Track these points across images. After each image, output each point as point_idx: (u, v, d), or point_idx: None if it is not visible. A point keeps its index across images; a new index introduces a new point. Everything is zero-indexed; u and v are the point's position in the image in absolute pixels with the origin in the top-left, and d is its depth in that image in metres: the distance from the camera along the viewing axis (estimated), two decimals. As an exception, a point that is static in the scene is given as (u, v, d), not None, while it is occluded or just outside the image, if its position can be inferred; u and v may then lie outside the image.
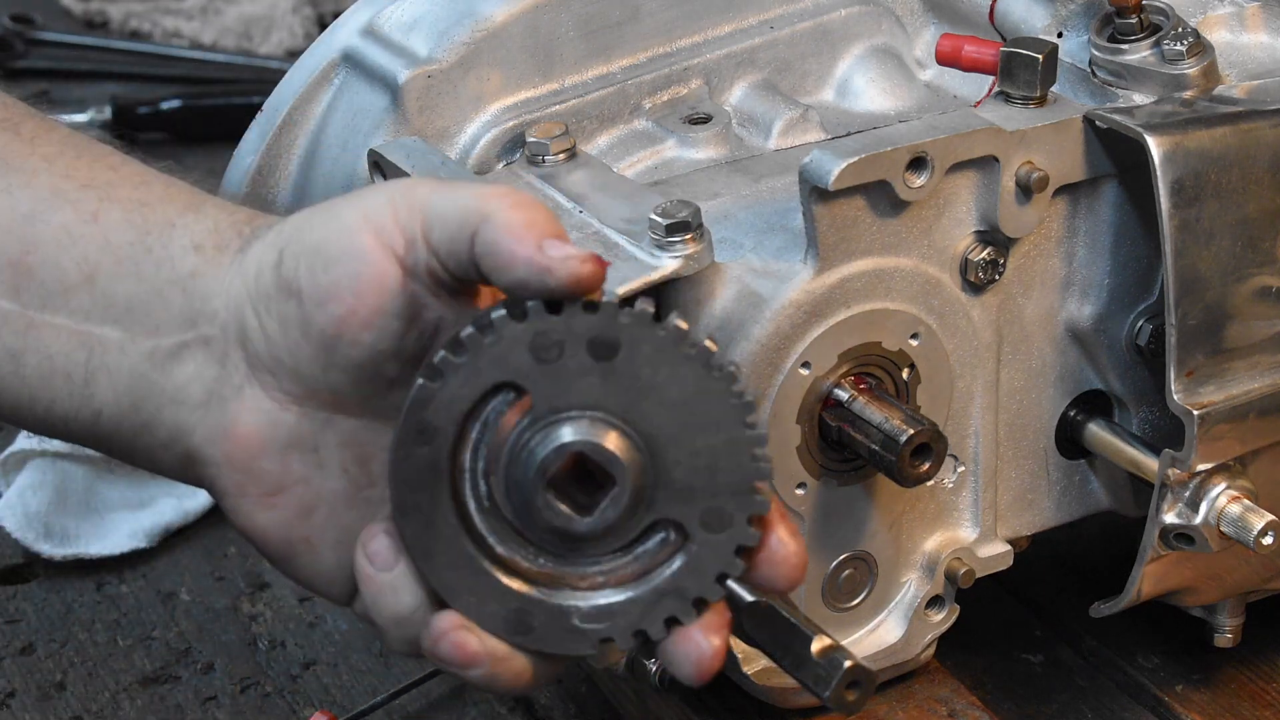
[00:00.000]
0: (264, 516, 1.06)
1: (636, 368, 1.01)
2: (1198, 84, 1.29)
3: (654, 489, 1.03)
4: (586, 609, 1.03)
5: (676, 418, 1.02)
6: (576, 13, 1.35)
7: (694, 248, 1.19)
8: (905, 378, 1.25)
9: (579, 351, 1.01)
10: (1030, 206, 1.25)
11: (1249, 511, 1.24)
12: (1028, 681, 1.42)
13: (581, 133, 1.34)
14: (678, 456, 1.02)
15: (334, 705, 1.43)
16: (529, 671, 1.04)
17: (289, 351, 1.04)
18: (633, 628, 1.03)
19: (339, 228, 1.03)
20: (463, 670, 1.03)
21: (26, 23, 2.57)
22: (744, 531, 1.03)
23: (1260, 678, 1.41)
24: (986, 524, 1.31)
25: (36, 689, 1.47)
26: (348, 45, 1.36)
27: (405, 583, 1.03)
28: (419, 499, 1.02)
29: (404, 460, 1.02)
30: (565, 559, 1.04)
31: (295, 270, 1.03)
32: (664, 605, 1.03)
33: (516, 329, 1.01)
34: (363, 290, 1.02)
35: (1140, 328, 1.32)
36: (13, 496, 1.62)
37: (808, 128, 1.37)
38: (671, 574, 1.03)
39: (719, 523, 1.03)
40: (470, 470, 1.03)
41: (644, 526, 1.03)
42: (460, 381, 1.01)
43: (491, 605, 1.03)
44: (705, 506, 1.02)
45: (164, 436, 1.07)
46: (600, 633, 1.03)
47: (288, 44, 2.57)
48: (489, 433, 1.03)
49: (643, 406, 1.02)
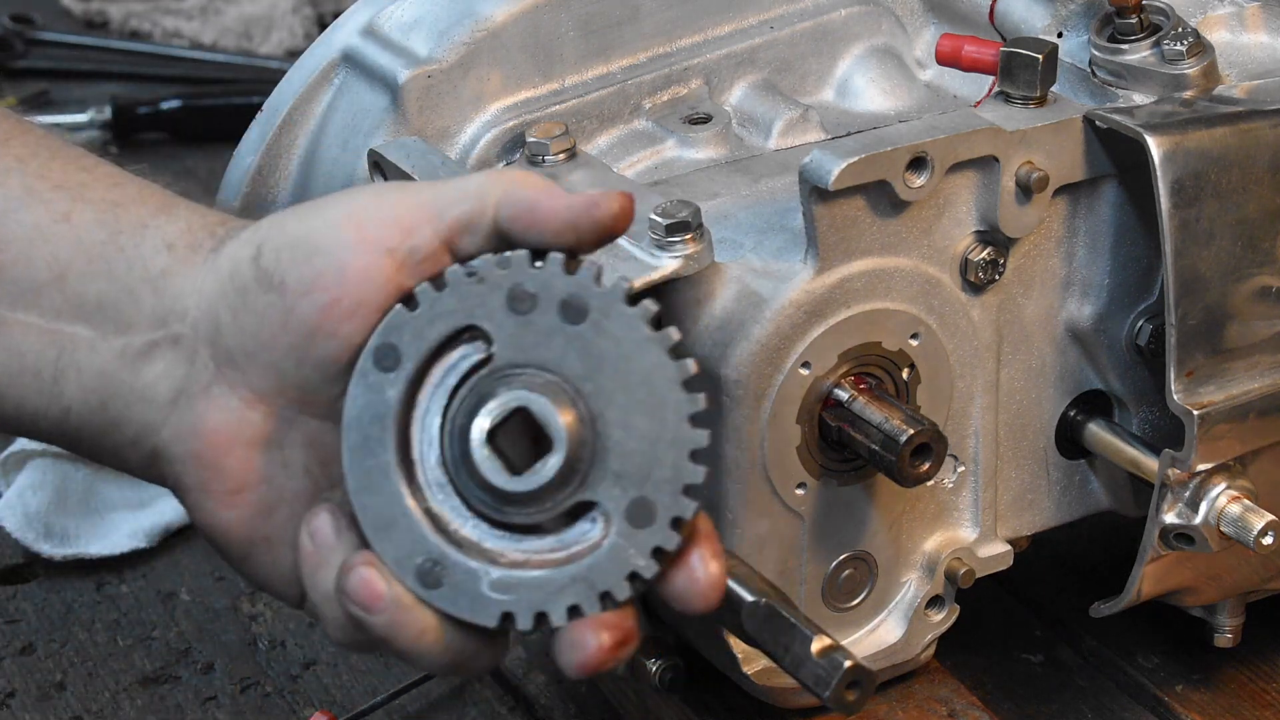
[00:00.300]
0: (225, 515, 1.07)
1: (601, 338, 1.02)
2: (1198, 84, 1.29)
3: (589, 465, 1.02)
4: (498, 578, 1.02)
5: (626, 398, 1.02)
6: (576, 13, 1.35)
7: (694, 248, 1.19)
8: (905, 378, 1.25)
9: (550, 309, 1.02)
10: (1030, 206, 1.25)
11: (1249, 511, 1.24)
12: (1028, 681, 1.42)
13: (581, 133, 1.35)
14: (619, 437, 1.02)
15: (334, 705, 1.44)
16: (433, 634, 1.03)
17: (264, 346, 1.04)
18: (536, 607, 1.02)
19: (323, 223, 1.04)
20: (366, 613, 1.02)
21: (26, 23, 2.57)
22: (665, 533, 1.01)
23: (1260, 678, 1.41)
24: (986, 524, 1.32)
25: (36, 689, 1.47)
26: (348, 45, 1.36)
27: (340, 560, 1.03)
28: (369, 425, 1.03)
29: (364, 379, 1.03)
30: (492, 527, 1.03)
31: (276, 262, 1.03)
32: (571, 592, 1.02)
33: (498, 274, 1.02)
34: (347, 280, 1.02)
35: (1140, 328, 1.32)
36: (13, 496, 1.62)
37: (808, 128, 1.37)
38: (586, 563, 1.02)
39: (643, 517, 1.02)
40: (424, 413, 1.03)
41: (573, 503, 1.02)
42: (434, 314, 1.02)
43: (408, 552, 1.02)
44: (635, 497, 1.01)
45: (131, 434, 1.07)
46: (505, 605, 1.02)
47: (288, 44, 2.57)
48: (449, 378, 1.03)
49: (597, 379, 1.02)
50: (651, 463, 1.02)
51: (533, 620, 1.02)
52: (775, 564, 1.25)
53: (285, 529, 1.07)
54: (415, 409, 1.04)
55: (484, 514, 1.03)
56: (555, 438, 1.01)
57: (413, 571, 1.02)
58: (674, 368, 1.02)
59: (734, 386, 1.20)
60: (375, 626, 1.02)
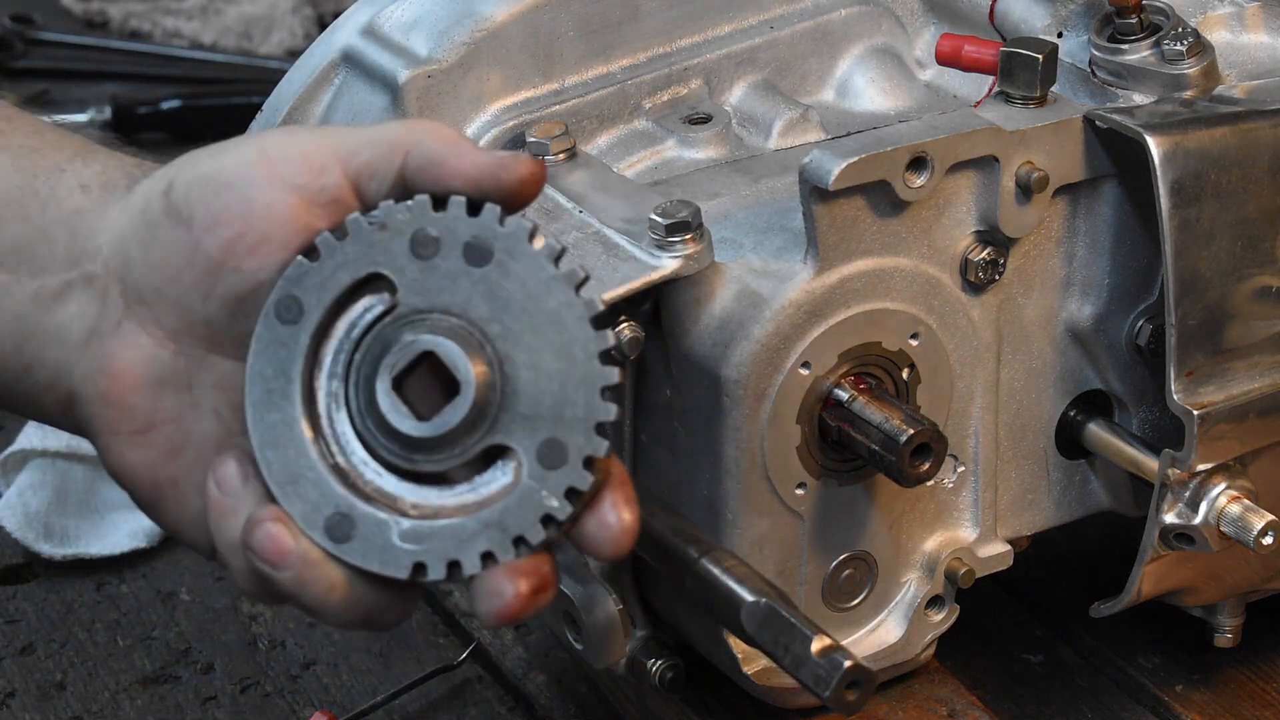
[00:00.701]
0: (133, 455, 1.06)
1: (506, 280, 1.01)
2: (1198, 84, 1.29)
3: (498, 408, 1.00)
4: (408, 528, 1.01)
5: (534, 338, 1.00)
6: (576, 13, 1.35)
7: (694, 248, 1.19)
8: (905, 378, 1.25)
9: (454, 253, 1.01)
10: (1030, 206, 1.25)
11: (1249, 511, 1.24)
12: (1028, 681, 1.42)
13: (581, 133, 1.34)
14: (528, 379, 1.00)
15: (334, 705, 1.43)
16: (341, 589, 1.02)
17: (171, 280, 1.04)
18: (448, 556, 1.00)
19: (234, 159, 1.04)
20: (273, 569, 1.01)
21: (26, 23, 2.57)
22: (578, 473, 0.99)
23: (1260, 678, 1.41)
24: (986, 524, 1.32)
25: (36, 689, 1.47)
26: (348, 45, 1.36)
27: (247, 508, 1.03)
28: (272, 379, 1.02)
29: (266, 333, 1.02)
30: (401, 478, 1.02)
31: (186, 196, 1.03)
32: (484, 539, 1.00)
33: (400, 219, 1.01)
34: (253, 215, 1.02)
35: (1140, 328, 1.32)
36: (13, 496, 1.62)
37: (808, 128, 1.37)
38: (498, 509, 1.00)
39: (555, 458, 1.00)
40: (329, 366, 1.03)
41: (483, 448, 1.01)
42: (336, 264, 1.02)
43: (315, 506, 1.01)
44: (545, 437, 1.00)
45: (46, 378, 1.07)
46: (416, 555, 1.00)
47: (288, 44, 2.57)
48: (354, 330, 1.02)
49: (504, 320, 1.00)
50: (562, 402, 1.00)
51: (445, 570, 1.00)
52: (775, 564, 1.25)
53: (193, 472, 1.06)
54: (320, 361, 1.03)
55: (392, 464, 1.02)
56: (463, 381, 1.00)
57: (320, 526, 1.01)
58: (581, 305, 1.00)
59: (734, 386, 1.20)
60: (282, 582, 1.02)
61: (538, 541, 1.00)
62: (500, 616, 1.00)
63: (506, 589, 0.99)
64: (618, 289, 1.18)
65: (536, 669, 1.45)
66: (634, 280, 1.18)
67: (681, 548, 1.13)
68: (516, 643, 1.48)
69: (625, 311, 1.20)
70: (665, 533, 1.14)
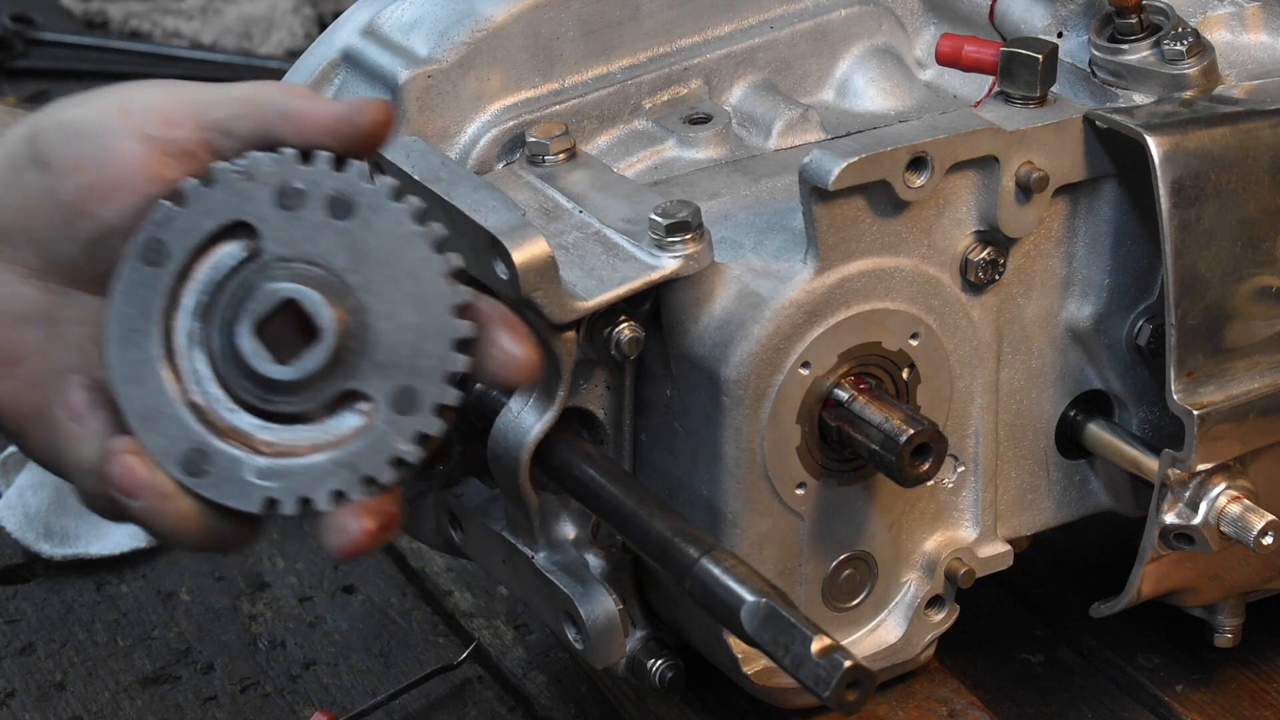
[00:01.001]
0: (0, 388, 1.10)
1: (368, 233, 1.05)
2: (1198, 84, 1.29)
3: (356, 356, 1.05)
4: (263, 466, 1.05)
5: (393, 291, 1.04)
6: (576, 13, 1.35)
7: (694, 248, 1.19)
8: (905, 378, 1.25)
9: (318, 206, 1.05)
10: (1030, 206, 1.25)
11: (1249, 511, 1.24)
12: (1028, 681, 1.42)
13: (581, 133, 1.34)
14: (385, 328, 1.04)
15: (334, 705, 1.43)
16: (194, 520, 1.06)
17: (32, 222, 1.08)
18: (300, 493, 1.04)
19: (95, 108, 1.08)
20: (126, 499, 1.05)
21: (26, 23, 2.57)
22: (428, 419, 1.04)
23: (1260, 678, 1.41)
24: (986, 524, 1.32)
25: (36, 689, 1.47)
26: (348, 45, 1.36)
27: (93, 436, 1.06)
28: (134, 319, 1.05)
29: (130, 274, 1.05)
30: (258, 418, 1.06)
31: (48, 143, 1.07)
32: (336, 477, 1.04)
33: (267, 170, 1.05)
34: (108, 163, 1.06)
35: (1140, 328, 1.32)
36: (13, 496, 1.62)
37: (808, 128, 1.37)
38: (351, 449, 1.05)
39: (408, 405, 1.04)
40: (190, 307, 1.06)
41: (340, 392, 1.05)
42: (202, 210, 1.05)
43: (172, 441, 1.05)
44: (399, 385, 1.04)
45: None
46: (269, 491, 1.04)
47: (288, 44, 2.57)
48: (216, 275, 1.06)
49: (364, 272, 1.04)
50: (417, 352, 1.04)
51: (297, 505, 1.05)
52: (775, 564, 1.25)
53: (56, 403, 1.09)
54: (180, 302, 1.06)
55: (250, 405, 1.06)
56: (323, 327, 1.04)
57: (176, 460, 1.05)
58: (438, 261, 1.04)
59: (734, 386, 1.20)
60: (135, 510, 1.06)
61: (387, 482, 1.05)
62: (344, 551, 1.05)
63: (353, 526, 1.04)
64: (618, 289, 1.18)
65: (536, 669, 1.45)
66: (634, 280, 1.18)
67: (681, 548, 1.13)
68: (516, 643, 1.48)
69: (625, 311, 1.20)
70: (665, 533, 1.14)
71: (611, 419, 1.25)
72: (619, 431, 1.26)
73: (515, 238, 1.15)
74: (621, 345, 1.20)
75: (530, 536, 1.27)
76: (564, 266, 1.17)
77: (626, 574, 1.28)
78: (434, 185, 1.21)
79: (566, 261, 1.20)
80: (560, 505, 1.26)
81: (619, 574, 1.27)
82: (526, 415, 1.22)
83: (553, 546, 1.27)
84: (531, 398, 1.22)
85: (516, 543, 1.28)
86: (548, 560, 1.27)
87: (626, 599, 1.28)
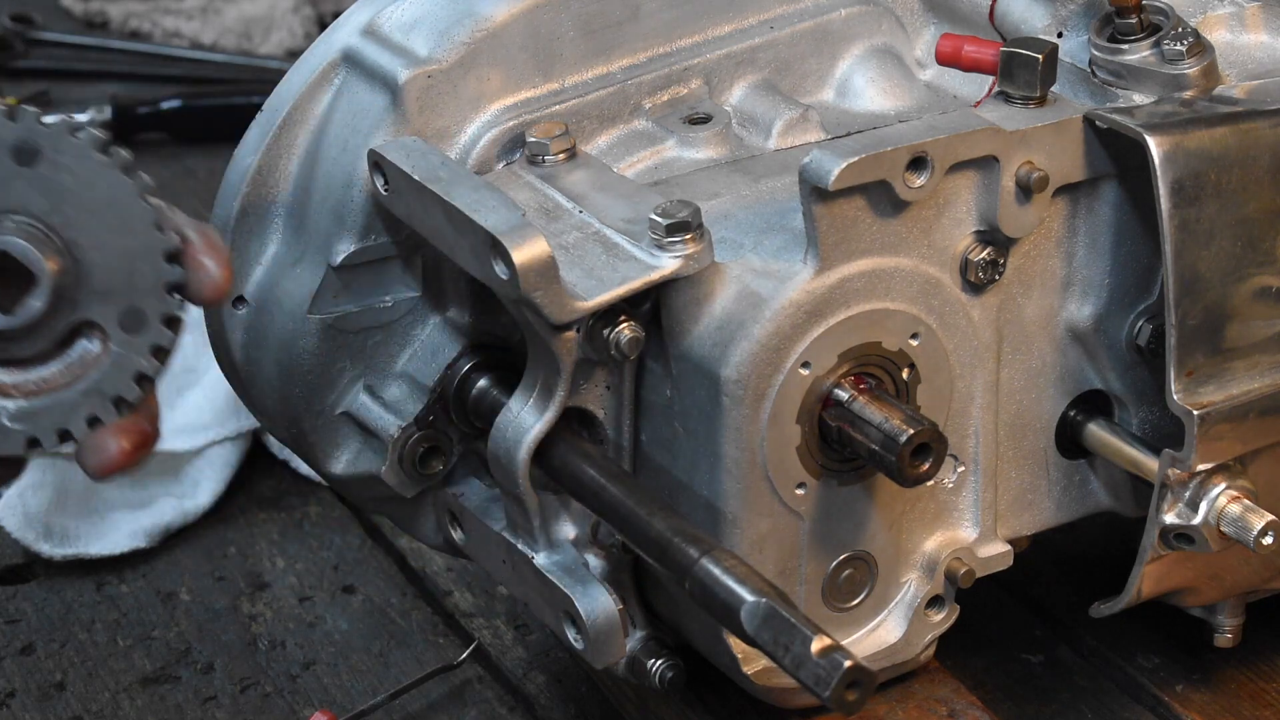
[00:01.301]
0: None
1: (58, 173, 1.07)
2: (1198, 84, 1.29)
3: (76, 289, 1.08)
4: (14, 409, 1.08)
5: (95, 222, 1.08)
6: (576, 13, 1.35)
7: (694, 248, 1.19)
8: (905, 378, 1.25)
9: (4, 157, 1.07)
10: (1030, 206, 1.25)
11: (1249, 511, 1.24)
12: (1028, 681, 1.42)
13: (581, 133, 1.34)
14: (97, 259, 1.08)
15: (334, 705, 1.43)
16: None
17: None
18: (57, 426, 1.09)
19: None
20: None
21: (26, 23, 2.57)
22: (160, 332, 1.09)
23: (1260, 678, 1.41)
24: (986, 524, 1.32)
25: (36, 689, 1.47)
26: (348, 45, 1.36)
27: None
28: None
29: None
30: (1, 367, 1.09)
31: None
32: (87, 405, 1.09)
33: None
34: None
35: (1140, 328, 1.32)
36: (13, 496, 1.62)
37: (808, 128, 1.37)
38: (95, 377, 1.09)
39: (137, 324, 1.09)
40: None
41: (69, 328, 1.08)
42: None
43: None
44: (124, 308, 1.08)
45: None
46: (28, 432, 1.08)
47: (288, 44, 2.57)
48: None
49: (64, 210, 1.07)
50: (132, 273, 1.08)
51: (57, 438, 1.09)
52: (775, 564, 1.25)
53: None
54: None
55: None
56: (37, 272, 1.06)
57: None
58: (130, 184, 1.07)
59: (734, 386, 1.20)
60: None
61: (135, 398, 1.09)
62: (103, 470, 1.10)
63: (110, 445, 1.10)
64: (617, 289, 1.18)
65: (536, 669, 1.45)
66: (634, 280, 1.18)
67: (681, 548, 1.13)
68: (516, 643, 1.48)
69: (625, 311, 1.20)
70: (665, 533, 1.14)
71: (611, 419, 1.25)
72: (619, 431, 1.26)
73: (515, 238, 1.15)
74: (621, 345, 1.20)
75: (530, 536, 1.27)
76: (564, 266, 1.17)
77: (626, 574, 1.28)
78: (434, 185, 1.21)
79: (566, 261, 1.20)
80: (560, 505, 1.26)
81: (619, 574, 1.27)
82: (526, 415, 1.22)
83: (553, 546, 1.27)
84: (531, 397, 1.22)
85: (516, 543, 1.28)
86: (548, 560, 1.27)
87: (626, 599, 1.28)
